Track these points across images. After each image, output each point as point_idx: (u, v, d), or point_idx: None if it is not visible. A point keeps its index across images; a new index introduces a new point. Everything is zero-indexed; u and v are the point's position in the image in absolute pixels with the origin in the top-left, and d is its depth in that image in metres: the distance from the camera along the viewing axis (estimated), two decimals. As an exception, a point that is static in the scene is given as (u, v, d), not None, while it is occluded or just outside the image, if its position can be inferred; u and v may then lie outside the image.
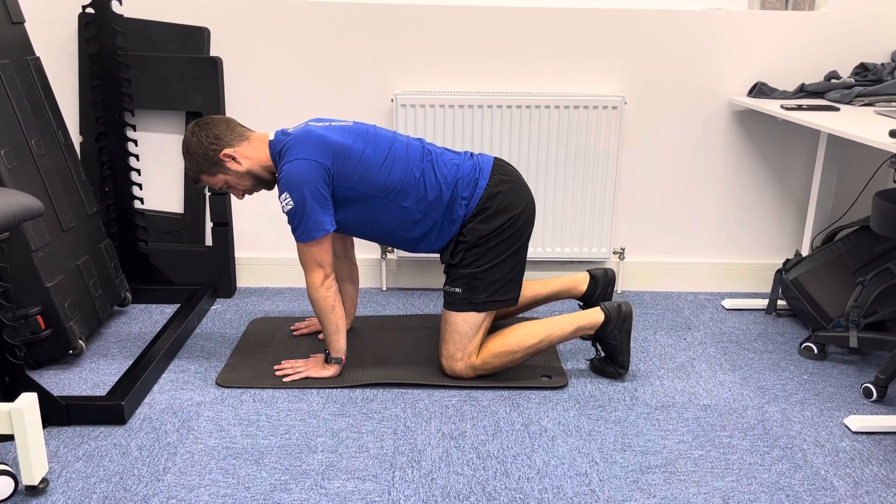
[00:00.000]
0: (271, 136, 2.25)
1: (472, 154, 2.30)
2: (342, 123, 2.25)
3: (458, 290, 2.26)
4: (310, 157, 2.14)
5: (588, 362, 2.48)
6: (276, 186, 2.31)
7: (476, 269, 2.23)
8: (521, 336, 2.31)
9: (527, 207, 2.27)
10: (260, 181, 2.28)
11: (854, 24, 2.86)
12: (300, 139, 2.17)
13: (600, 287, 2.56)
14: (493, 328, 2.40)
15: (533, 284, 2.57)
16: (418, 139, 2.30)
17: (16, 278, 2.25)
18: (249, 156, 2.23)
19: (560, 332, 2.32)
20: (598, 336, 2.36)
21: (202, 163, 2.23)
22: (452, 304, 2.27)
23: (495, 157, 2.31)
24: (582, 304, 2.62)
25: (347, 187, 2.18)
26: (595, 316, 2.34)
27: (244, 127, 2.28)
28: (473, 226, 2.22)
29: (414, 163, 2.21)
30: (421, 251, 2.33)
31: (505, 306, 2.31)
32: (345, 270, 2.58)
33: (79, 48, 2.81)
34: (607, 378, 2.38)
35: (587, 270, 2.59)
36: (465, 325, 2.27)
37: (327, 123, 2.24)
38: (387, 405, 2.21)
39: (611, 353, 2.36)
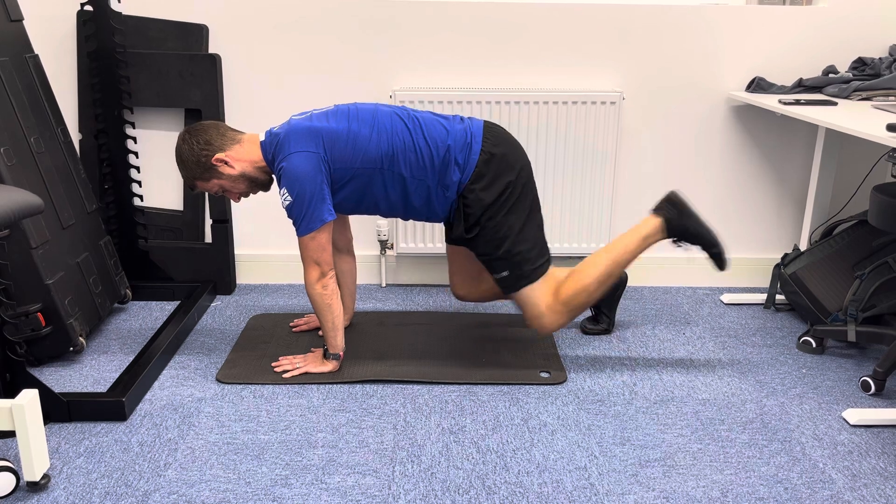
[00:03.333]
0: (262, 137, 2.26)
1: (462, 118, 2.29)
2: (322, 110, 2.27)
3: (505, 273, 2.28)
4: (302, 149, 2.15)
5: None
6: (271, 187, 2.35)
7: (509, 247, 2.24)
8: (587, 270, 2.32)
9: (522, 170, 2.26)
10: (254, 183, 2.29)
11: (852, 18, 2.86)
12: (289, 135, 2.18)
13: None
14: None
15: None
16: (402, 107, 2.30)
17: (16, 275, 2.26)
18: (241, 158, 2.24)
19: (623, 251, 2.32)
20: (671, 231, 2.32)
21: (195, 169, 2.24)
22: (508, 287, 2.30)
23: (485, 121, 2.30)
24: None
25: (344, 167, 2.19)
26: (653, 223, 2.32)
27: (235, 130, 2.29)
28: (476, 195, 2.22)
29: (400, 129, 2.21)
30: (425, 220, 2.33)
31: (549, 265, 2.33)
32: (345, 264, 2.58)
33: (77, 45, 2.81)
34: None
35: None
36: (531, 295, 2.30)
37: (308, 114, 2.25)
38: (386, 400, 2.22)
39: (697, 236, 2.30)
